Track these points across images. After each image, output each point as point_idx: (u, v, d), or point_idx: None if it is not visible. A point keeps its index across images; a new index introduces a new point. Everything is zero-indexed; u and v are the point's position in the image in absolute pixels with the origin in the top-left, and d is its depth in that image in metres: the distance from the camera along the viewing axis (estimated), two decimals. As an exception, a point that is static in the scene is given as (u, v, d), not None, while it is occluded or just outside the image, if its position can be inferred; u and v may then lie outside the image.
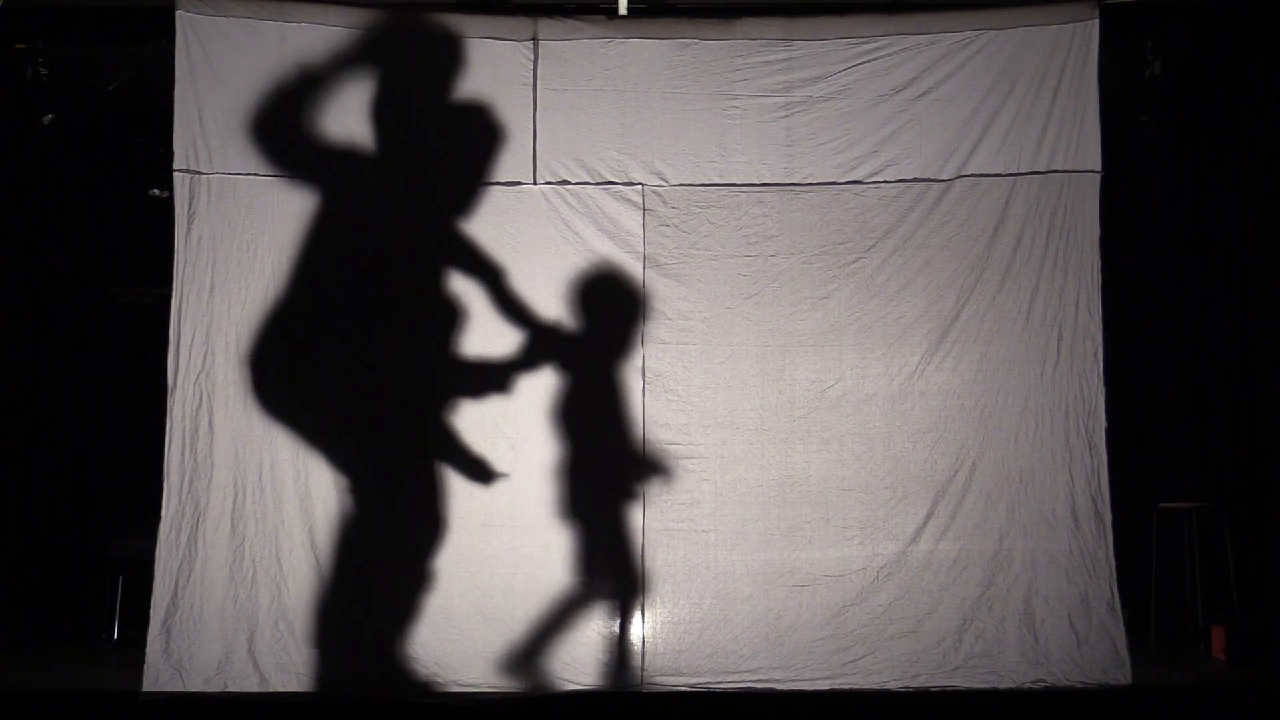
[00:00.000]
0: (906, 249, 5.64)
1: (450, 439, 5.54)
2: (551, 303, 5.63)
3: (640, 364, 5.60)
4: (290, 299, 5.53)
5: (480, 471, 5.53)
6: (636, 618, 5.45)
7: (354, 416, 5.54)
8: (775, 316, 5.65)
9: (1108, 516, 5.44)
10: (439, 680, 5.32)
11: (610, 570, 5.50)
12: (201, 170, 5.54)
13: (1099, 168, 5.60)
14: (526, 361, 5.61)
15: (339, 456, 5.49)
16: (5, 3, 5.87)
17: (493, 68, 5.69)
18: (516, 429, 5.57)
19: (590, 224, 5.67)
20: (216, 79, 5.56)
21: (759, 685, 5.35)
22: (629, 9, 5.76)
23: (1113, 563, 5.42)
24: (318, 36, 5.62)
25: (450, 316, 5.58)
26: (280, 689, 5.27)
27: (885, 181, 5.67)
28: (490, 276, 5.61)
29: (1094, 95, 5.61)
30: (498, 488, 5.53)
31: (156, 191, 6.90)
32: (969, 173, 5.65)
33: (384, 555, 5.45)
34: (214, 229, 5.53)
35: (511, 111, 5.69)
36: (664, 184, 5.70)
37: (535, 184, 5.67)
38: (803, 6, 5.82)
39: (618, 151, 5.70)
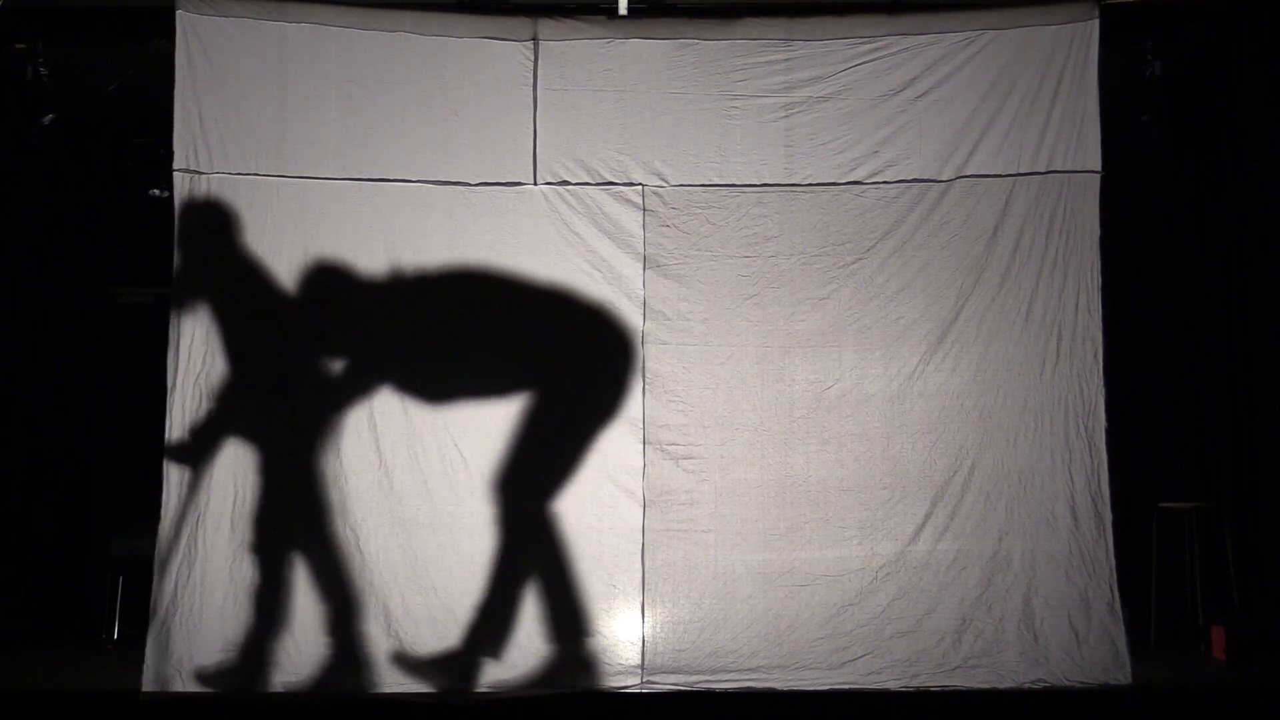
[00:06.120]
0: (906, 249, 5.64)
1: None
2: (550, 303, 5.62)
3: (640, 364, 5.60)
4: None
5: None
6: None
7: None
8: (775, 317, 5.64)
9: (1107, 516, 5.44)
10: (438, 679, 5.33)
11: None
12: (201, 170, 5.54)
13: (1099, 168, 5.60)
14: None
15: None
16: (5, 3, 5.86)
17: (493, 68, 5.70)
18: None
19: (590, 224, 5.66)
20: (216, 79, 5.56)
21: (758, 685, 5.35)
22: (629, 9, 5.76)
23: (1113, 563, 5.42)
24: (317, 36, 5.63)
25: None
26: (280, 689, 5.27)
27: (885, 182, 5.67)
28: None
29: (1094, 95, 5.61)
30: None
31: (156, 191, 6.91)
32: (969, 173, 5.65)
33: None
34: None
35: (511, 111, 5.69)
36: (664, 184, 5.69)
37: (535, 184, 5.67)
38: (803, 6, 5.82)
39: (618, 152, 5.69)
